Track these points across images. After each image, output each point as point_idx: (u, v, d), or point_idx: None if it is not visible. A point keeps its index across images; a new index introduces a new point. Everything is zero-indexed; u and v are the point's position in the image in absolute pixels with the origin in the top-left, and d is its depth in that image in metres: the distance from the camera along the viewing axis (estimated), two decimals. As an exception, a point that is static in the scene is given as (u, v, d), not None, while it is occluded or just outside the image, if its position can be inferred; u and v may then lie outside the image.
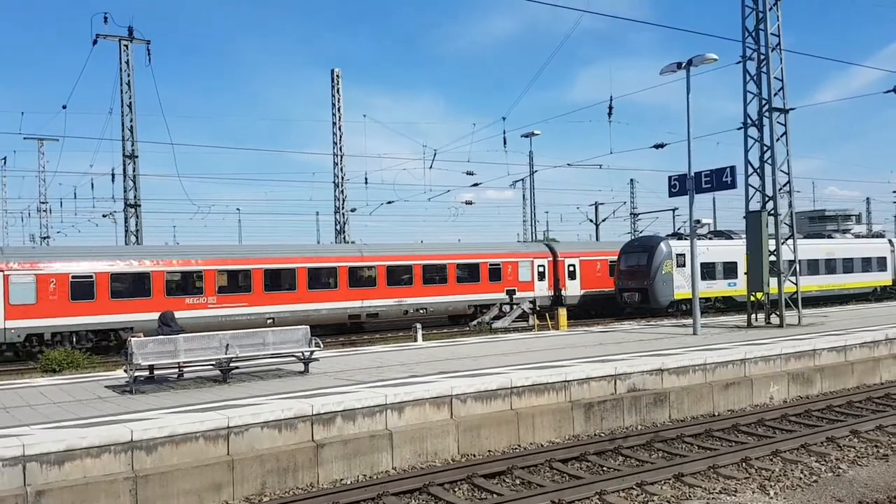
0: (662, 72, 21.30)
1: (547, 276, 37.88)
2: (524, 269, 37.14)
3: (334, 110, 42.61)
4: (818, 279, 39.02)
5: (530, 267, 37.41)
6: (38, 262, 25.54)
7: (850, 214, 72.92)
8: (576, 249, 40.02)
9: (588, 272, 39.44)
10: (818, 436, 12.07)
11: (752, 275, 22.93)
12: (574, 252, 39.43)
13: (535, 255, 37.86)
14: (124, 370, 13.82)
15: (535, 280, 37.31)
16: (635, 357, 15.54)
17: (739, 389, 15.15)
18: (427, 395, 11.84)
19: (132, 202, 33.93)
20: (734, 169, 20.45)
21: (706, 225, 42.05)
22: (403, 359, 16.88)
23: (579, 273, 39.10)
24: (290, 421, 10.58)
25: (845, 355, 17.49)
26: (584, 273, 39.30)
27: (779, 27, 22.53)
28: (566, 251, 39.22)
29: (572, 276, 38.88)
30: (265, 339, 14.01)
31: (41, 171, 56.29)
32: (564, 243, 40.44)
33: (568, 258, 38.80)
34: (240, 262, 29.38)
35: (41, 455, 8.81)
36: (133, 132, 33.72)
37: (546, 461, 11.04)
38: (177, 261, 28.33)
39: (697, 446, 11.98)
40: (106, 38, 33.44)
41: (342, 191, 42.74)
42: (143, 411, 10.88)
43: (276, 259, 30.20)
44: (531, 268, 37.44)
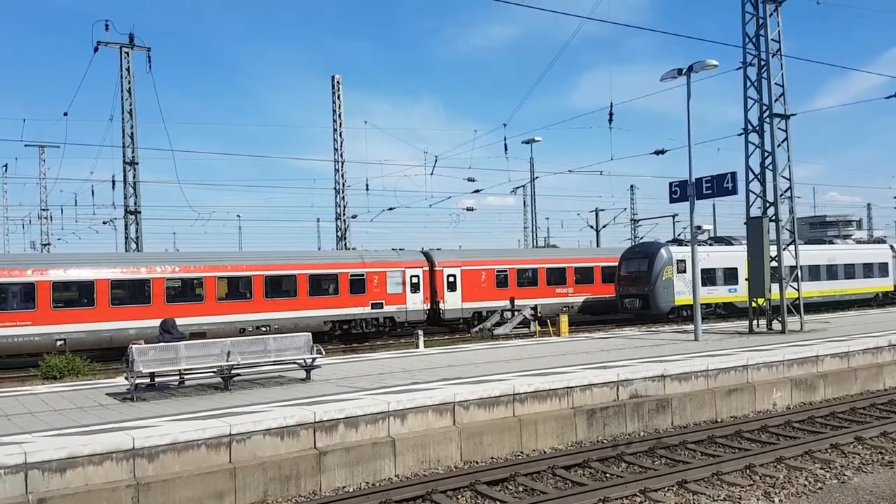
0: (663, 78, 21.33)
1: (422, 287, 34.49)
2: (394, 280, 33.86)
3: (335, 116, 42.68)
4: (820, 285, 39.02)
5: (401, 277, 34.06)
6: None
7: (852, 220, 73.03)
8: (457, 258, 36.61)
9: (471, 283, 36.03)
10: (822, 442, 12.02)
11: (753, 281, 22.90)
12: (455, 261, 36.11)
13: (408, 265, 34.46)
14: (125, 377, 13.78)
15: (408, 292, 34.02)
16: (637, 363, 15.50)
17: (742, 396, 15.10)
18: (429, 401, 11.81)
19: (132, 209, 33.97)
20: (735, 175, 20.47)
21: (707, 231, 42.16)
22: (405, 365, 16.84)
23: (461, 284, 35.72)
24: (293, 428, 10.54)
25: (848, 361, 17.45)
26: (467, 284, 35.90)
27: (779, 33, 22.56)
28: (446, 260, 35.94)
29: (452, 288, 35.51)
30: (267, 346, 13.97)
31: (42, 178, 56.39)
32: (445, 251, 37.19)
33: (448, 267, 35.54)
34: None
35: (43, 462, 8.77)
36: (133, 139, 33.78)
37: (549, 468, 11.00)
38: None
39: (700, 453, 11.93)
40: (107, 46, 33.55)
41: (343, 197, 42.77)
42: (144, 419, 10.84)
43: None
44: (402, 278, 34.07)
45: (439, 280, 35.24)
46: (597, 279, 39.95)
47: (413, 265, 34.62)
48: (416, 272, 34.55)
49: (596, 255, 42.09)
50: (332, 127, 42.78)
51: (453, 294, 35.55)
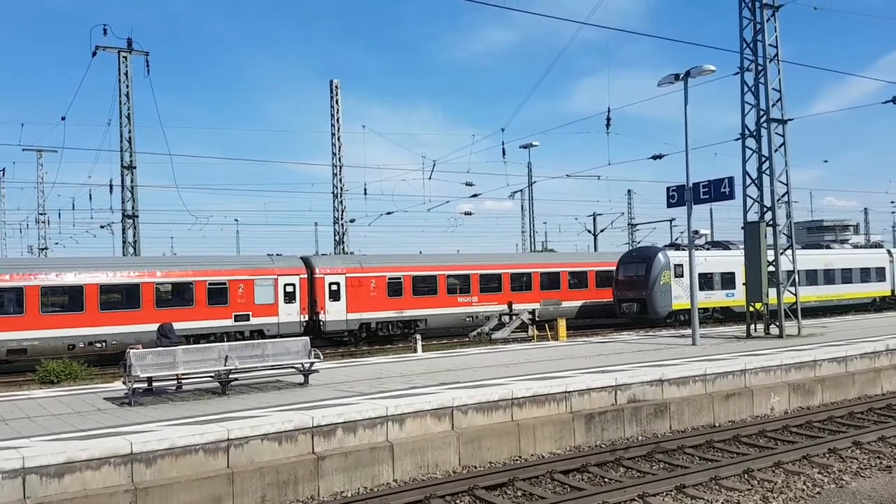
0: (660, 83, 21.37)
1: (298, 297, 31.22)
2: (263, 289, 30.43)
3: (333, 121, 42.69)
4: (817, 290, 39.05)
5: (273, 286, 30.66)
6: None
7: (849, 224, 73.15)
8: (342, 264, 33.28)
9: (358, 292, 32.59)
10: (820, 447, 12.03)
11: (751, 285, 22.92)
12: (339, 267, 32.76)
13: (282, 272, 31.19)
14: (123, 382, 13.76)
15: (281, 302, 30.75)
16: (635, 367, 15.51)
17: (740, 400, 15.11)
18: (428, 406, 11.80)
19: (130, 213, 33.94)
20: (732, 180, 20.51)
21: (704, 235, 42.14)
22: (403, 370, 16.84)
23: (345, 293, 32.38)
24: (291, 433, 10.53)
25: (846, 366, 17.47)
26: (354, 293, 32.50)
27: (776, 38, 22.64)
28: (328, 266, 32.66)
29: (335, 297, 32.14)
30: (265, 351, 13.96)
31: (40, 183, 56.31)
32: (327, 256, 34.21)
33: (330, 275, 32.18)
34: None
35: (41, 467, 8.75)
36: (131, 143, 33.77)
37: (547, 472, 10.99)
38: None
39: (699, 457, 11.94)
40: (105, 50, 33.56)
41: (341, 201, 42.77)
42: (142, 423, 10.82)
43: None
44: (274, 287, 30.68)
45: (320, 289, 31.98)
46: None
47: (287, 272, 31.35)
48: (292, 280, 31.23)
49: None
50: (330, 131, 42.80)
51: (336, 304, 32.24)
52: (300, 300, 31.32)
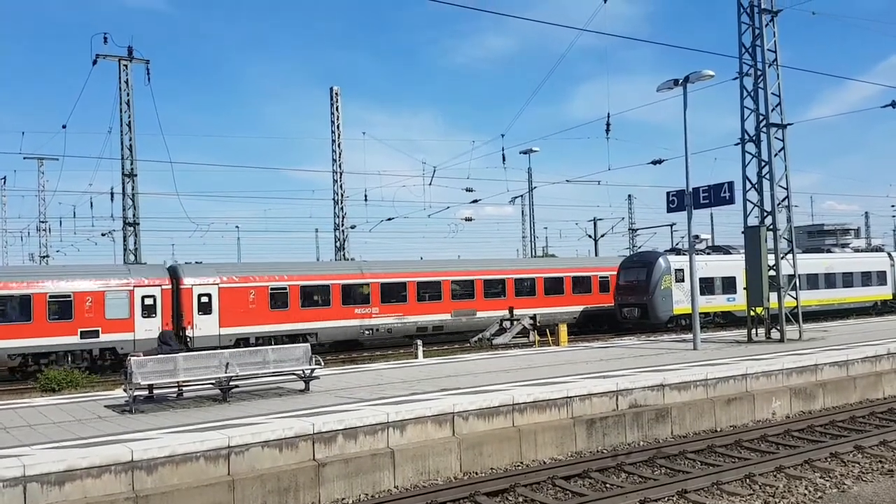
0: (659, 88, 21.41)
1: (160, 310, 27.93)
2: (116, 302, 27.18)
3: (333, 128, 42.76)
4: (818, 294, 39.03)
5: (128, 299, 27.38)
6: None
7: (849, 228, 73.14)
8: (215, 273, 29.66)
9: (233, 304, 29.27)
10: (822, 451, 12.02)
11: (751, 290, 22.91)
12: (210, 277, 29.31)
13: (139, 283, 27.77)
14: (123, 389, 13.76)
15: (138, 316, 27.45)
16: (636, 373, 15.49)
17: (741, 405, 15.09)
18: (429, 412, 11.79)
19: (131, 220, 33.97)
20: (732, 184, 20.53)
21: (705, 240, 42.15)
22: (404, 376, 16.83)
23: (218, 306, 29.08)
24: (292, 440, 10.52)
25: (847, 370, 17.45)
26: (228, 305, 29.20)
27: (775, 43, 22.68)
28: (197, 276, 29.17)
29: (206, 310, 28.86)
30: (265, 358, 13.97)
31: (41, 191, 56.46)
32: (197, 265, 30.72)
33: (200, 285, 28.86)
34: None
35: (42, 475, 8.75)
36: (132, 151, 33.82)
37: (549, 478, 10.98)
38: None
39: (700, 462, 11.92)
40: (106, 58, 33.63)
41: (342, 208, 42.80)
42: (143, 431, 10.82)
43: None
44: (130, 300, 27.41)
45: (187, 301, 28.63)
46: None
47: (146, 283, 27.94)
48: (152, 291, 27.90)
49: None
50: (330, 138, 42.88)
51: (207, 318, 28.95)
52: (162, 314, 28.06)
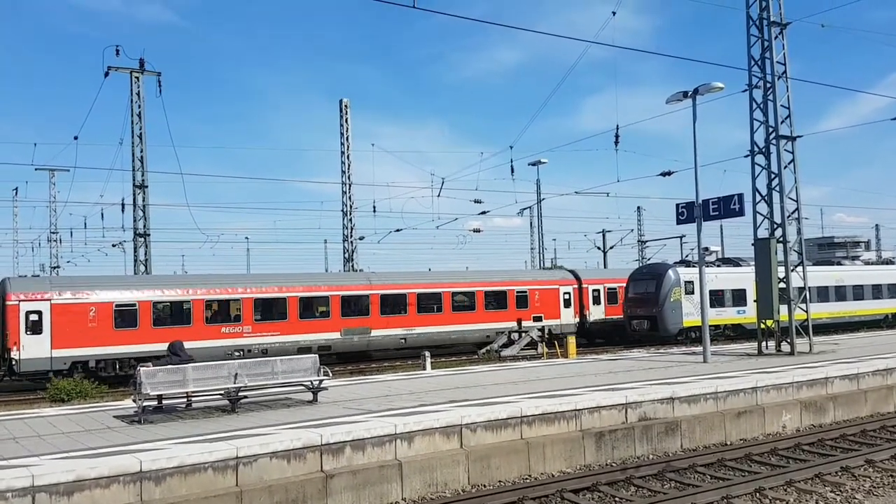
0: (668, 101, 21.41)
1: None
2: None
3: (343, 139, 42.91)
4: (828, 306, 38.81)
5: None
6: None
7: (860, 241, 72.83)
8: (49, 288, 26.77)
9: (70, 322, 26.23)
10: (832, 465, 11.92)
11: (762, 302, 22.81)
12: (43, 292, 26.35)
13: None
14: (133, 400, 13.79)
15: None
16: (646, 385, 15.42)
17: (751, 418, 14.99)
18: (437, 424, 11.77)
19: (142, 232, 34.16)
20: (742, 196, 20.47)
21: (714, 252, 41.96)
22: (413, 387, 16.80)
23: (49, 324, 25.90)
24: (299, 451, 10.51)
25: (858, 383, 17.32)
26: (62, 324, 26.09)
27: (784, 55, 22.67)
28: (27, 290, 26.20)
29: (35, 330, 25.68)
30: (274, 369, 13.99)
31: (52, 202, 56.77)
32: (29, 279, 28.39)
33: (28, 301, 25.76)
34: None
35: (50, 486, 8.77)
36: (143, 162, 34.07)
37: (557, 491, 10.92)
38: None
39: (710, 476, 11.84)
40: (118, 71, 33.96)
41: (350, 219, 42.89)
42: (151, 441, 10.83)
43: None
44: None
45: (13, 319, 25.47)
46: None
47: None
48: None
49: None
50: (339, 150, 43.04)
51: (36, 338, 25.70)
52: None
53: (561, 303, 37.79)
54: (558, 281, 38.66)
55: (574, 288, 38.55)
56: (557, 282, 38.51)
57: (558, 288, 38.07)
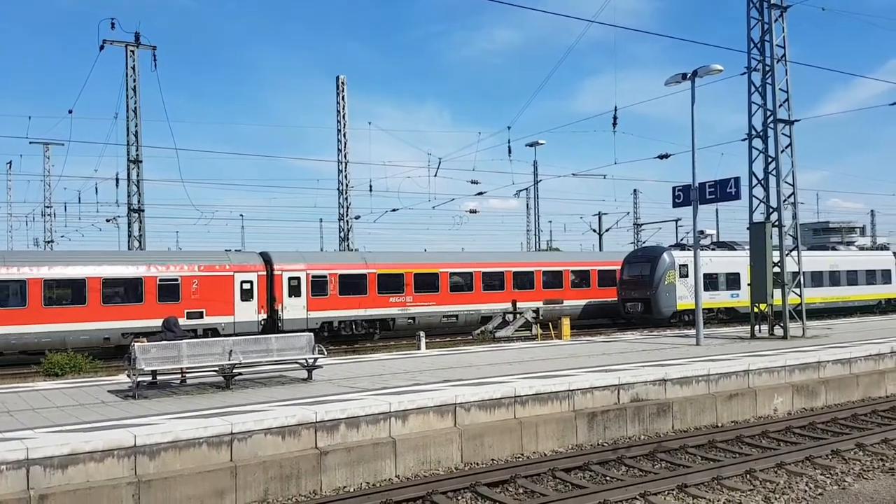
0: (667, 82, 21.33)
1: None
2: None
3: (339, 117, 42.71)
4: (822, 291, 38.99)
5: None
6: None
7: (855, 227, 73.01)
8: None
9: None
10: (823, 448, 12.01)
11: (755, 286, 22.89)
12: None
13: None
14: (127, 375, 13.81)
15: None
16: (638, 367, 15.50)
17: (743, 401, 15.10)
18: (431, 403, 11.82)
19: (136, 207, 34.05)
20: (738, 180, 20.47)
21: (709, 236, 42.07)
22: (407, 366, 16.86)
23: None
24: (294, 428, 10.55)
25: (850, 368, 17.43)
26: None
27: (784, 38, 22.57)
28: None
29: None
30: (269, 346, 14.00)
31: (46, 176, 56.42)
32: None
33: None
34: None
35: (45, 459, 8.80)
36: (138, 137, 33.87)
37: (549, 470, 11.00)
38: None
39: (701, 457, 11.93)
40: (112, 44, 33.68)
41: (346, 198, 42.80)
42: (146, 416, 10.86)
43: None
44: None
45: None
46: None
47: None
48: None
49: None
50: (336, 128, 42.84)
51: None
52: None
53: (236, 295, 29.91)
54: (237, 266, 30.29)
55: (260, 275, 30.59)
56: (234, 267, 30.24)
57: (232, 275, 29.99)
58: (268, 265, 30.92)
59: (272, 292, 30.74)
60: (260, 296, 30.30)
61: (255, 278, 30.33)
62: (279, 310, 30.58)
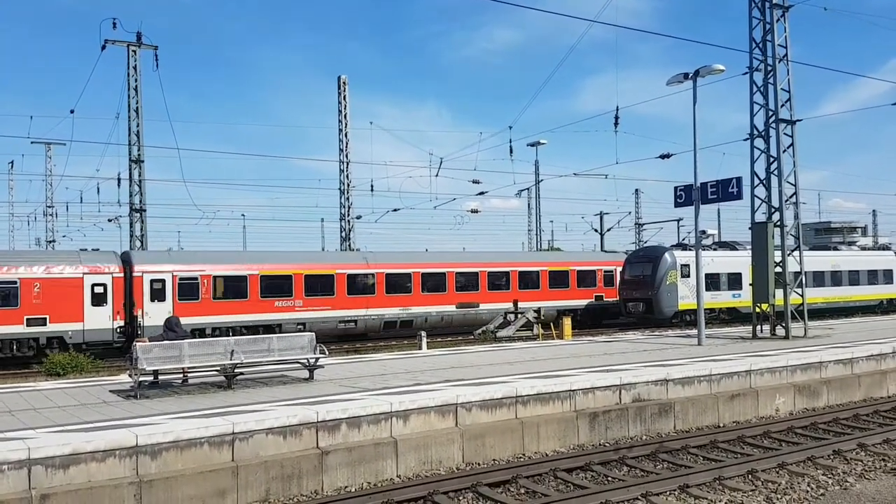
0: (669, 82, 21.31)
1: None
2: None
3: (340, 117, 42.69)
4: (824, 291, 38.94)
5: None
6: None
7: (856, 226, 72.87)
8: None
9: None
10: (825, 449, 12.00)
11: (757, 286, 22.87)
12: None
13: None
14: (129, 375, 13.82)
15: None
16: (640, 367, 15.49)
17: (745, 401, 15.08)
18: (432, 403, 11.81)
19: (137, 207, 34.03)
20: (740, 180, 20.44)
21: (711, 235, 42.01)
22: (408, 366, 16.85)
23: None
24: (295, 428, 10.55)
25: (852, 368, 17.41)
26: None
27: (786, 38, 22.56)
28: None
29: None
30: (270, 346, 14.00)
31: (48, 175, 56.50)
32: None
33: None
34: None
35: (46, 459, 8.80)
36: (139, 137, 33.85)
37: (551, 470, 10.99)
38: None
39: (703, 458, 11.91)
40: (114, 44, 33.64)
41: (348, 198, 42.79)
42: (147, 416, 10.86)
43: None
44: None
45: None
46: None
47: None
48: None
49: None
50: (337, 127, 42.82)
51: None
52: None
53: (86, 300, 27.02)
54: (90, 268, 27.41)
55: (115, 277, 27.54)
56: (85, 269, 27.34)
57: (81, 277, 27.07)
58: (127, 266, 28.05)
59: (131, 297, 27.81)
60: (115, 300, 27.33)
61: (109, 281, 27.36)
62: (139, 315, 27.47)
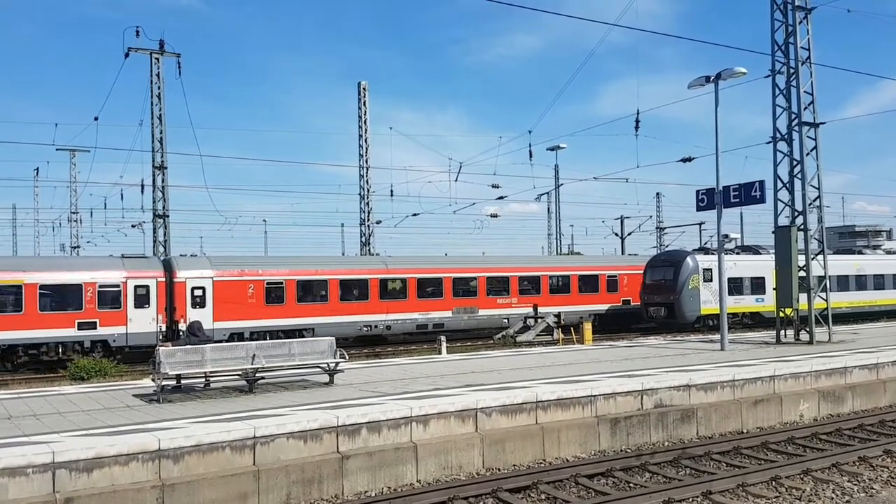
0: (691, 85, 21.18)
1: None
2: None
3: (361, 122, 42.88)
4: (848, 295, 38.45)
5: None
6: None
7: (881, 230, 71.85)
8: None
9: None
10: (850, 455, 11.83)
11: (781, 290, 22.62)
12: None
13: None
14: (152, 379, 13.95)
15: None
16: (662, 372, 15.37)
17: (768, 406, 14.91)
18: (452, 408, 11.80)
19: (160, 213, 34.35)
20: (763, 183, 20.26)
21: (734, 240, 41.62)
22: (428, 371, 16.85)
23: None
24: (316, 432, 10.58)
25: (877, 373, 17.17)
26: None
27: (809, 40, 22.34)
28: None
29: None
30: (291, 350, 14.07)
31: (73, 182, 57.15)
32: None
33: None
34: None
35: (70, 462, 8.89)
36: (163, 143, 34.18)
37: (572, 476, 10.93)
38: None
39: (726, 464, 11.80)
40: (137, 52, 34.01)
41: (368, 203, 42.93)
42: (170, 420, 10.95)
43: None
44: None
45: None
46: None
47: None
48: None
49: None
50: (357, 133, 43.02)
51: None
52: None
53: (129, 304, 27.45)
54: (138, 273, 27.77)
55: (159, 282, 28.14)
56: (136, 274, 27.72)
57: (125, 282, 27.46)
58: (168, 271, 28.59)
59: (172, 301, 28.22)
60: (158, 304, 27.82)
61: (153, 285, 27.82)
62: (180, 321, 27.62)
